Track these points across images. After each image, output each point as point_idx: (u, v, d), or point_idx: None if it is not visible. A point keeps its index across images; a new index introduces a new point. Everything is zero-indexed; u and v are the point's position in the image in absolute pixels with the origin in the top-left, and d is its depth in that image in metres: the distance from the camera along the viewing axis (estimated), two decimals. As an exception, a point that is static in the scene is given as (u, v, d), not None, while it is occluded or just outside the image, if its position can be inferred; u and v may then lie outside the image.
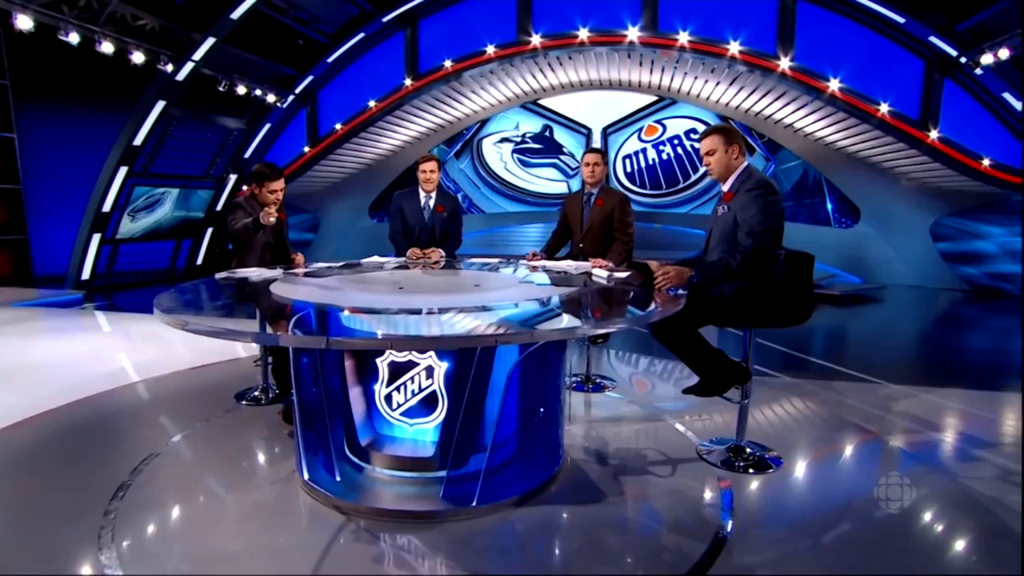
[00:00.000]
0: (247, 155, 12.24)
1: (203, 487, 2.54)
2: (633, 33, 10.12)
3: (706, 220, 10.55)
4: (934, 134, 9.85)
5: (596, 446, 3.03)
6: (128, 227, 10.67)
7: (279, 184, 3.59)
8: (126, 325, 6.94)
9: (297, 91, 11.84)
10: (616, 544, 2.19)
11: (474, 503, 2.30)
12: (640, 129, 14.08)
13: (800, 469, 2.76)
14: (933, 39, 9.51)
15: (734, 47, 9.84)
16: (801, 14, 10.17)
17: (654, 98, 13.68)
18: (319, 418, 2.51)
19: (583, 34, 10.37)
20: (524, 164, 15.10)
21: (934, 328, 8.42)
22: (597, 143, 14.39)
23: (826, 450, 3.10)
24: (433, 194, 4.22)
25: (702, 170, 13.72)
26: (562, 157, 14.78)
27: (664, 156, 13.96)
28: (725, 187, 2.74)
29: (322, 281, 2.84)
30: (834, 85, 9.88)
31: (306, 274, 3.18)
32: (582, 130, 14.52)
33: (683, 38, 9.88)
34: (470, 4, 11.35)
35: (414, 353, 2.48)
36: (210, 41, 9.17)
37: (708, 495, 2.49)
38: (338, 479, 2.46)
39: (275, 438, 3.03)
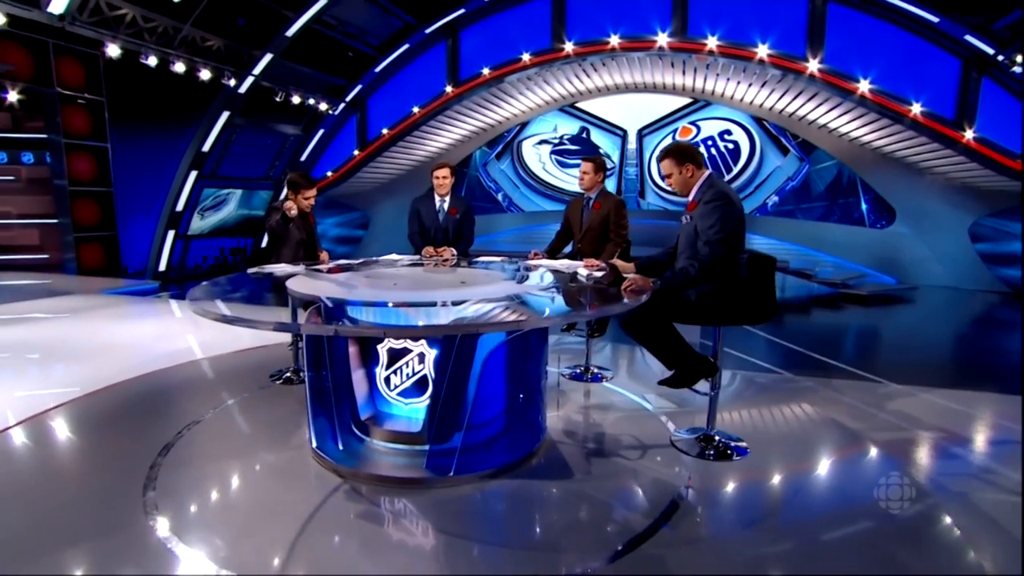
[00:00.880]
0: (303, 158, 12.88)
1: (229, 450, 2.89)
2: (663, 39, 10.10)
3: None
4: (970, 134, 9.41)
5: (578, 430, 3.21)
6: (198, 224, 11.47)
7: (311, 192, 3.96)
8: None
9: (347, 99, 12.37)
10: (572, 512, 2.39)
11: (451, 473, 2.54)
12: (675, 131, 13.95)
13: (764, 459, 2.85)
14: (969, 38, 9.09)
15: (763, 50, 9.68)
16: (831, 15, 9.89)
17: (688, 100, 13.54)
18: (327, 396, 2.80)
19: (614, 40, 10.42)
20: (561, 165, 15.21)
21: (958, 329, 8.11)
22: (632, 145, 14.37)
23: (796, 444, 3.17)
24: (447, 198, 4.46)
25: (735, 169, 13.50)
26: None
27: (698, 157, 13.80)
28: (689, 198, 2.86)
29: (332, 277, 3.13)
30: (864, 86, 9.58)
31: (328, 270, 3.49)
32: (618, 132, 14.51)
33: (712, 43, 9.80)
34: (508, 14, 11.56)
35: (409, 341, 2.75)
36: (268, 57, 9.75)
37: (667, 476, 2.65)
38: (341, 448, 2.75)
39: (297, 413, 3.36)
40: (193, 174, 10.49)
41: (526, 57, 11.07)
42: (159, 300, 8.77)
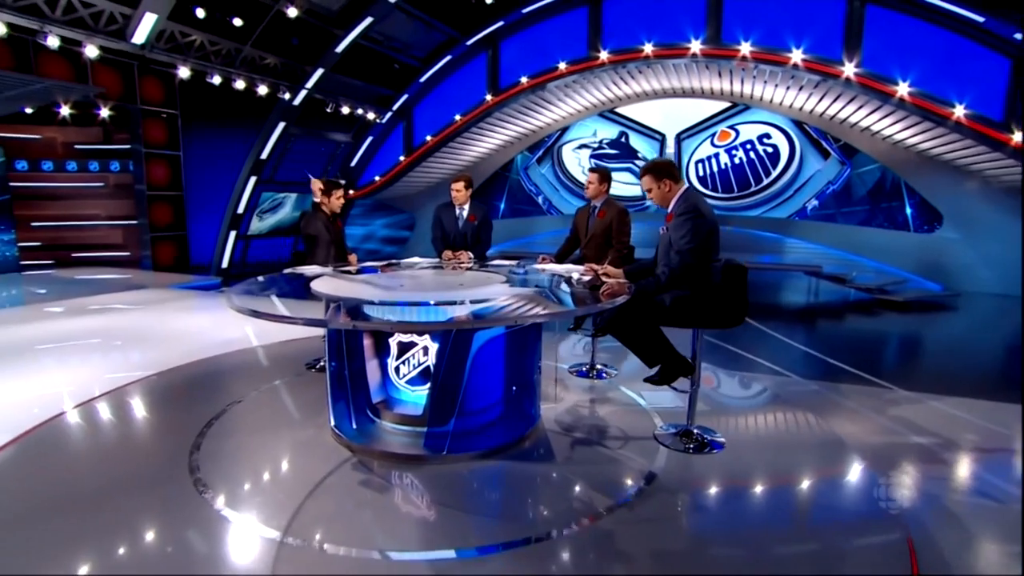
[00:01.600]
0: (353, 164, 13.56)
1: (261, 425, 3.31)
2: (696, 45, 10.12)
3: (778, 223, 10.44)
4: (1019, 136, 8.99)
5: (570, 420, 3.47)
6: (257, 225, 12.29)
7: (339, 192, 4.40)
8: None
9: (394, 108, 12.94)
10: (544, 490, 2.67)
11: (444, 452, 2.86)
12: (713, 134, 13.86)
13: (735, 455, 3.02)
14: (1020, 36, 8.69)
15: (796, 55, 9.56)
16: (870, 17, 9.64)
17: (727, 104, 13.42)
18: (344, 382, 3.17)
19: (648, 48, 10.51)
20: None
21: (993, 337, 7.82)
22: (671, 148, 14.36)
23: (773, 443, 3.33)
24: (466, 206, 4.78)
25: (774, 173, 13.29)
26: (637, 162, 14.85)
27: (736, 160, 13.66)
28: (668, 211, 3.06)
29: (351, 278, 3.51)
30: (903, 89, 9.31)
31: (356, 271, 3.88)
32: (656, 136, 14.52)
33: (745, 48, 9.75)
34: (545, 24, 11.82)
35: (415, 335, 3.09)
36: (320, 71, 10.39)
37: (639, 465, 2.88)
38: (354, 428, 3.11)
39: (322, 398, 3.73)
40: (253, 179, 11.30)
41: (562, 66, 11.30)
42: (220, 295, 9.51)
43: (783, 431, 3.49)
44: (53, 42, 7.46)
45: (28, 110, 10.54)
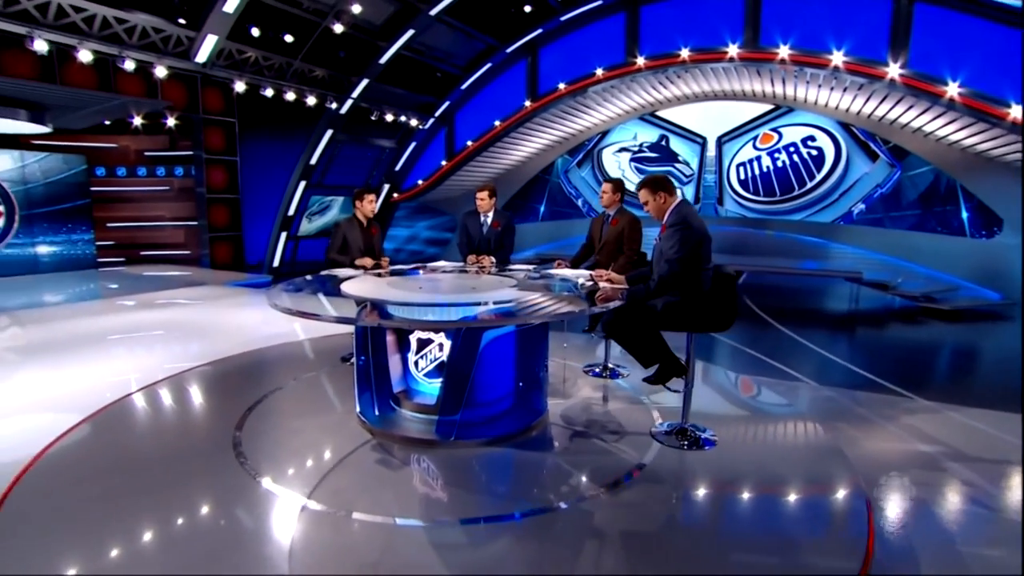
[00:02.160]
0: (397, 168, 14.15)
1: (295, 410, 3.74)
2: (733, 50, 10.12)
3: (822, 227, 10.39)
4: (1080, 138, 8.60)
5: (575, 415, 3.73)
6: (306, 227, 13.04)
7: (371, 195, 4.78)
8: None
9: (436, 115, 13.44)
10: (537, 475, 2.96)
11: (453, 438, 3.19)
12: (755, 137, 13.72)
13: (724, 452, 3.20)
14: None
15: (838, 57, 9.42)
16: (918, 15, 9.38)
17: (770, 107, 13.27)
18: (369, 374, 3.55)
19: (685, 53, 10.58)
20: (641, 172, 15.40)
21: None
22: (711, 152, 14.30)
23: (765, 443, 3.49)
24: (490, 213, 5.09)
25: (819, 176, 13.04)
26: (677, 165, 14.85)
27: (779, 163, 13.49)
28: (663, 222, 3.27)
29: (378, 280, 3.89)
30: (953, 89, 9.03)
31: (387, 274, 4.26)
32: (697, 139, 14.48)
33: (783, 52, 9.69)
34: (584, 31, 12.05)
35: (432, 332, 3.43)
36: (365, 82, 10.98)
37: (629, 457, 3.12)
38: (376, 414, 3.48)
39: (352, 388, 4.16)
40: (303, 184, 12.02)
41: (599, 72, 11.50)
42: (278, 288, 10.19)
43: (778, 434, 3.64)
44: (130, 65, 8.38)
45: (107, 122, 11.58)
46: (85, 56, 8.01)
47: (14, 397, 4.19)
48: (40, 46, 7.51)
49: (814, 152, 13.06)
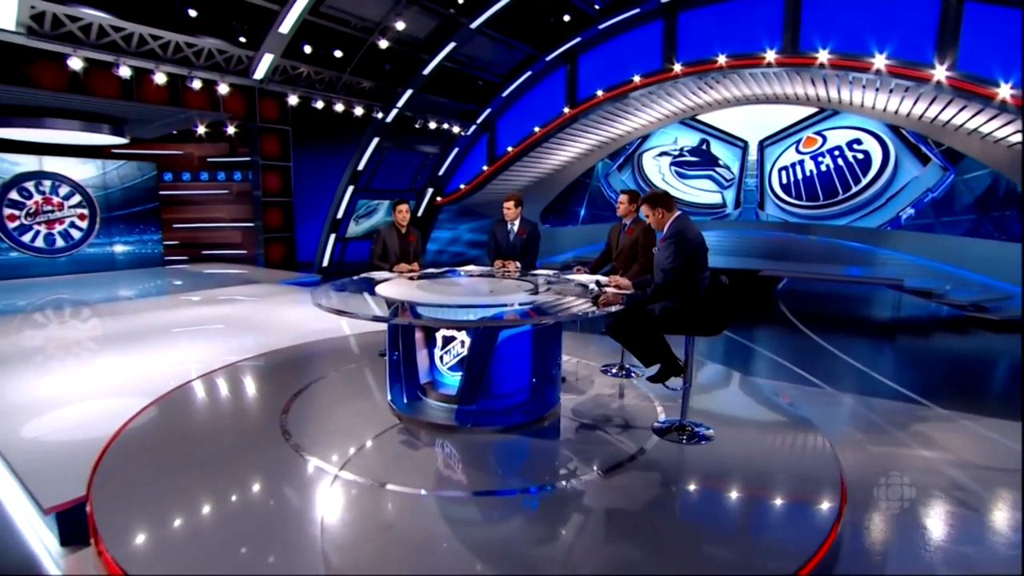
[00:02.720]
0: (441, 173, 14.72)
1: (334, 397, 4.23)
2: (771, 55, 10.14)
3: (868, 233, 10.34)
4: None
5: (585, 409, 4.07)
6: (353, 229, 13.77)
7: (403, 206, 5.24)
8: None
9: (478, 122, 13.93)
10: (539, 460, 3.33)
11: (470, 425, 3.60)
12: (798, 141, 13.57)
13: (719, 447, 3.47)
14: None
15: (880, 60, 9.31)
16: (968, 15, 9.12)
17: (814, 110, 13.11)
18: (399, 366, 3.99)
19: (721, 60, 10.66)
20: (681, 176, 15.44)
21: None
22: (753, 156, 14.23)
23: (762, 441, 3.72)
24: (516, 222, 5.45)
25: (864, 180, 12.79)
26: (718, 169, 14.83)
27: (823, 167, 13.30)
28: (663, 234, 3.57)
29: (409, 283, 4.33)
30: (1005, 91, 8.76)
31: (419, 277, 4.71)
32: (738, 143, 14.43)
33: (823, 56, 9.65)
34: (622, 39, 12.27)
35: (455, 331, 3.84)
36: (409, 92, 11.57)
37: (627, 448, 3.44)
38: (405, 402, 3.92)
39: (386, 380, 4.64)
40: (351, 188, 12.74)
41: (637, 79, 11.70)
42: (321, 288, 10.90)
43: (775, 434, 3.86)
44: (197, 84, 9.27)
45: (174, 131, 12.62)
46: (160, 78, 8.92)
47: (95, 381, 4.86)
48: (124, 72, 8.44)
49: (860, 155, 12.82)
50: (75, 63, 7.96)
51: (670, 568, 2.33)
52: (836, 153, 13.07)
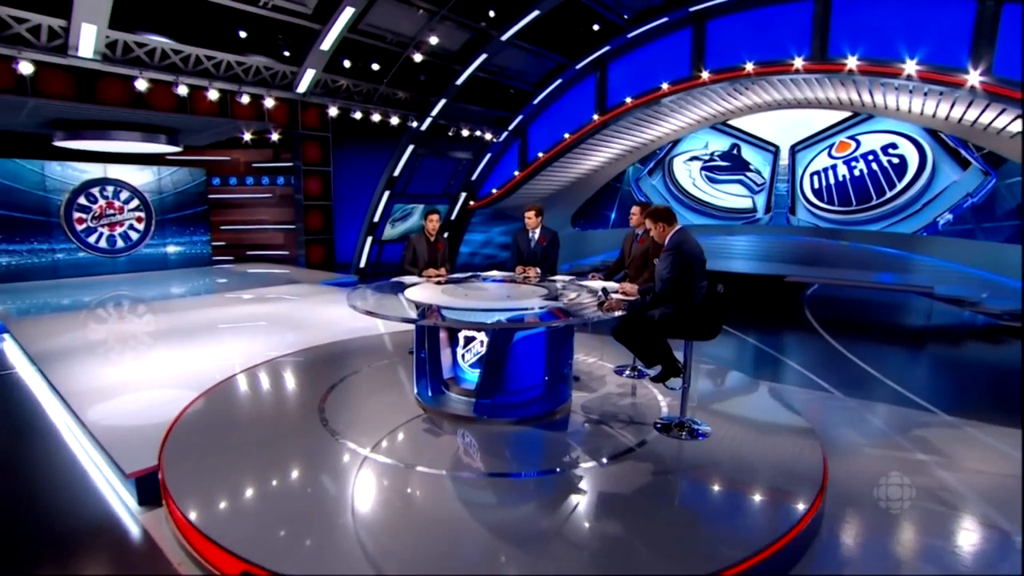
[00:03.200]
0: (473, 178, 15.22)
1: (366, 390, 4.70)
2: (799, 62, 10.24)
3: (903, 239, 10.50)
4: None
5: (594, 406, 4.43)
6: (389, 232, 14.39)
7: (433, 216, 5.68)
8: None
9: (510, 128, 14.37)
10: (546, 449, 3.71)
11: (487, 416, 4.01)
12: (831, 145, 13.55)
13: (714, 444, 3.78)
14: None
15: (911, 66, 9.31)
16: (1006, 17, 9.02)
17: (848, 114, 13.07)
18: (425, 363, 4.44)
19: (749, 67, 10.79)
20: (711, 180, 15.56)
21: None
22: (784, 160, 14.25)
23: (756, 440, 4.02)
24: (537, 230, 5.82)
25: (900, 185, 12.70)
26: (748, 174, 14.90)
27: (856, 172, 13.26)
28: (663, 246, 3.89)
29: (435, 288, 4.78)
30: (1043, 96, 8.68)
31: (445, 282, 5.15)
32: (769, 148, 14.48)
33: (851, 63, 9.71)
34: (651, 47, 12.51)
35: (475, 332, 4.27)
36: (443, 102, 12.09)
37: (628, 442, 3.79)
38: (429, 395, 4.36)
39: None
40: (387, 193, 13.35)
41: (665, 86, 11.92)
42: (357, 290, 11.48)
43: (770, 435, 4.13)
44: (245, 99, 10.04)
45: (223, 138, 13.47)
46: (213, 94, 9.70)
47: (154, 370, 5.47)
48: (183, 90, 9.25)
49: (895, 160, 12.72)
50: (141, 84, 8.79)
51: (646, 541, 2.69)
52: (870, 158, 13.01)
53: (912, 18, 9.52)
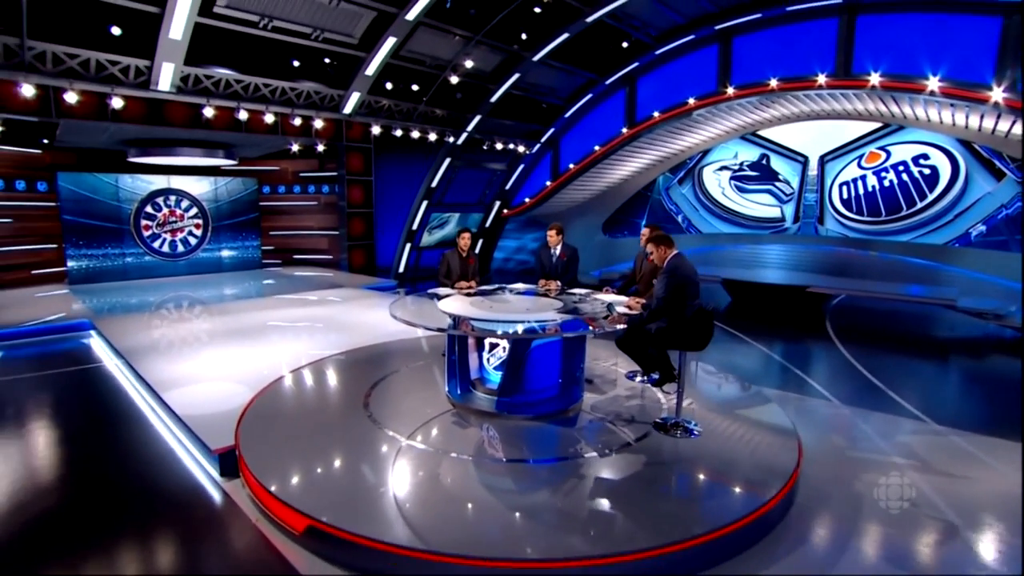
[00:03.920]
0: (507, 187, 15.92)
1: (405, 388, 5.43)
2: (822, 78, 10.56)
3: (933, 249, 10.89)
4: None
5: (602, 405, 5.03)
6: (426, 239, 15.22)
7: (465, 234, 6.37)
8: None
9: (542, 141, 15.02)
10: (555, 441, 4.36)
11: (507, 412, 4.68)
12: (861, 156, 13.70)
13: (703, 442, 4.33)
14: None
15: (933, 82, 9.54)
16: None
17: (878, 125, 13.21)
18: (455, 365, 5.13)
19: (773, 83, 11.15)
20: (740, 190, 15.85)
21: None
22: (813, 171, 14.47)
23: (742, 439, 4.56)
24: (558, 247, 6.45)
25: (931, 196, 12.79)
26: (777, 184, 15.14)
27: (886, 183, 13.39)
28: (663, 268, 4.48)
29: (465, 299, 5.47)
30: (1066, 115, 8.84)
31: (474, 294, 5.84)
32: (798, 158, 14.70)
33: (874, 79, 9.99)
34: (679, 62, 12.96)
35: (498, 339, 4.95)
36: (478, 118, 12.83)
37: (626, 437, 4.39)
38: (459, 393, 5.05)
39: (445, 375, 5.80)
40: (425, 203, 14.19)
41: (691, 101, 12.36)
42: (396, 294, 12.33)
43: (756, 434, 4.66)
44: (297, 121, 11.07)
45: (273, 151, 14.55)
46: (269, 118, 10.73)
47: (217, 366, 6.33)
48: (243, 115, 10.31)
49: (926, 171, 12.81)
50: (208, 111, 9.88)
51: (632, 517, 3.31)
52: (900, 168, 13.12)
53: (936, 34, 9.73)
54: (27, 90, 8.46)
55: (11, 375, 6.71)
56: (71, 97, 8.76)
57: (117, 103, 9.10)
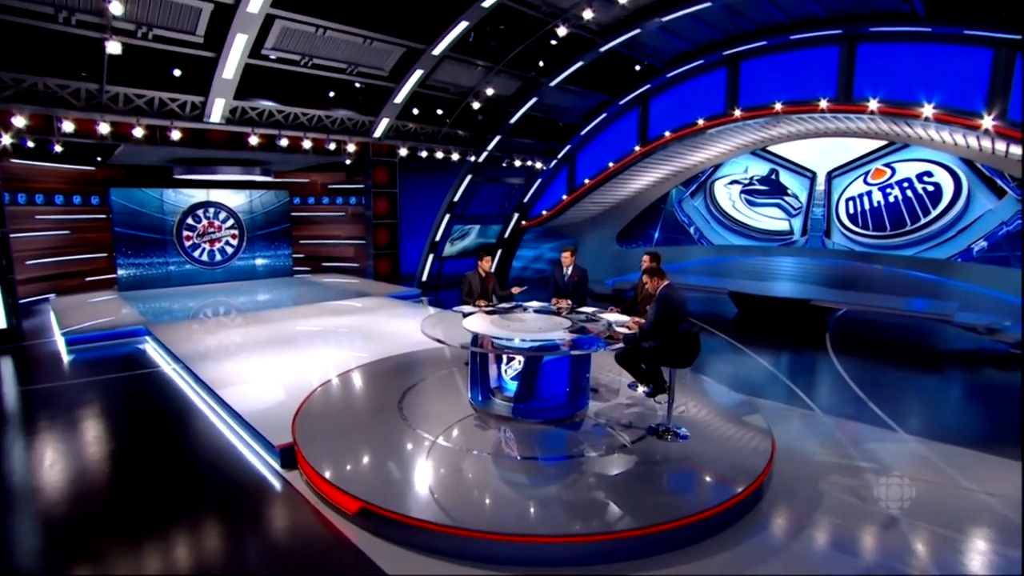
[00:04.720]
0: (525, 200, 16.70)
1: (433, 393, 6.23)
2: (824, 103, 11.16)
3: (935, 264, 11.48)
4: None
5: (605, 412, 5.77)
6: (448, 249, 16.06)
7: (487, 258, 7.16)
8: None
9: (559, 157, 15.78)
10: (561, 442, 5.13)
11: (521, 417, 5.46)
12: (867, 172, 14.21)
13: (690, 445, 5.05)
14: None
15: (927, 109, 10.11)
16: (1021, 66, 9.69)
17: (884, 142, 13.72)
18: (477, 376, 5.92)
19: (778, 106, 11.78)
20: (750, 203, 16.43)
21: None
22: (821, 186, 14.99)
23: (724, 444, 5.28)
24: (570, 268, 7.19)
25: (934, 212, 13.26)
26: (786, 198, 15.70)
27: (891, 198, 13.89)
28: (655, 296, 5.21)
29: (485, 317, 6.26)
30: (1052, 141, 9.35)
31: (493, 311, 6.63)
32: (806, 173, 15.25)
33: (873, 104, 10.57)
34: (689, 84, 13.63)
35: (514, 354, 5.74)
36: (497, 138, 13.65)
37: (623, 440, 5.14)
38: (480, 400, 5.84)
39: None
40: (447, 216, 15.04)
41: (701, 121, 13.03)
42: (419, 303, 13.17)
43: (737, 439, 5.37)
44: (332, 145, 12.03)
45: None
46: (307, 144, 11.70)
47: (263, 370, 7.19)
48: (284, 142, 11.29)
49: (930, 188, 13.30)
50: (253, 140, 10.89)
51: (624, 505, 4.07)
52: (905, 185, 13.62)
53: (932, 64, 10.29)
54: (103, 128, 9.60)
55: (84, 377, 7.69)
56: (138, 132, 9.92)
57: (176, 135, 10.19)
